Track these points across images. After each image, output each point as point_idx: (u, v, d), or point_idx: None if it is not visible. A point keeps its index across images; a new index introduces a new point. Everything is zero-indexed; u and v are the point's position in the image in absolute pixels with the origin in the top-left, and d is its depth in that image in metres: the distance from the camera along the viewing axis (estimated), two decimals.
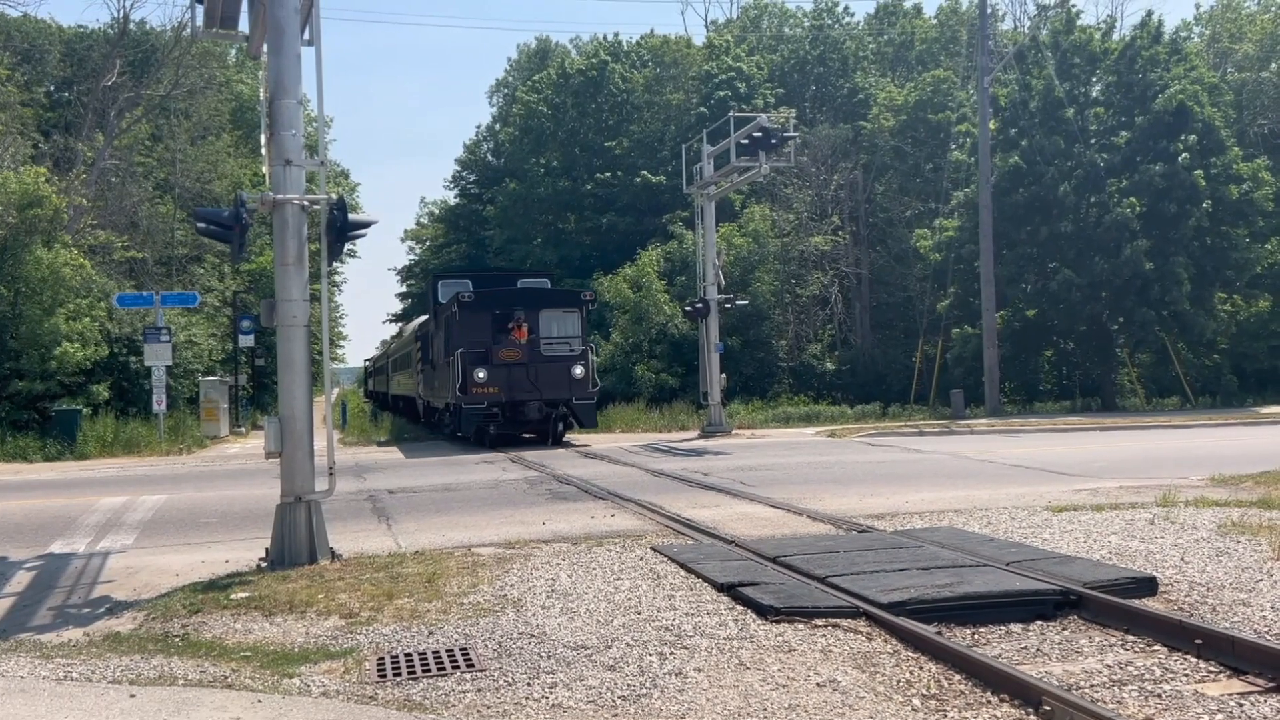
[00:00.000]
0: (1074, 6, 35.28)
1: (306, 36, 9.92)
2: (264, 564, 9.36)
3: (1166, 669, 5.68)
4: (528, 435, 23.73)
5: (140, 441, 25.39)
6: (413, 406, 34.39)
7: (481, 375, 22.02)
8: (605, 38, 52.73)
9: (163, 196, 38.93)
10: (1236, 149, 32.73)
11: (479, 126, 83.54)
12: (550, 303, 24.30)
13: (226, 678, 5.98)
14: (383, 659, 6.28)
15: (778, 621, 6.73)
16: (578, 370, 22.69)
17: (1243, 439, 21.09)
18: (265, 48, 10.07)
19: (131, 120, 37.01)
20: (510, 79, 66.61)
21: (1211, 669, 5.64)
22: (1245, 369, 35.09)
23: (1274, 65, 38.97)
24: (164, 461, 22.66)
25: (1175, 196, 30.34)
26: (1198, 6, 76.67)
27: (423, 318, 33.21)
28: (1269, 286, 34.60)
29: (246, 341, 33.62)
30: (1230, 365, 34.83)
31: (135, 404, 28.62)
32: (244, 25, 11.16)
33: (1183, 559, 8.25)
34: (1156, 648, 6.04)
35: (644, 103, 48.35)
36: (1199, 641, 5.87)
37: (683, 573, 8.31)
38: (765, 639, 6.39)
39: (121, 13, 41.02)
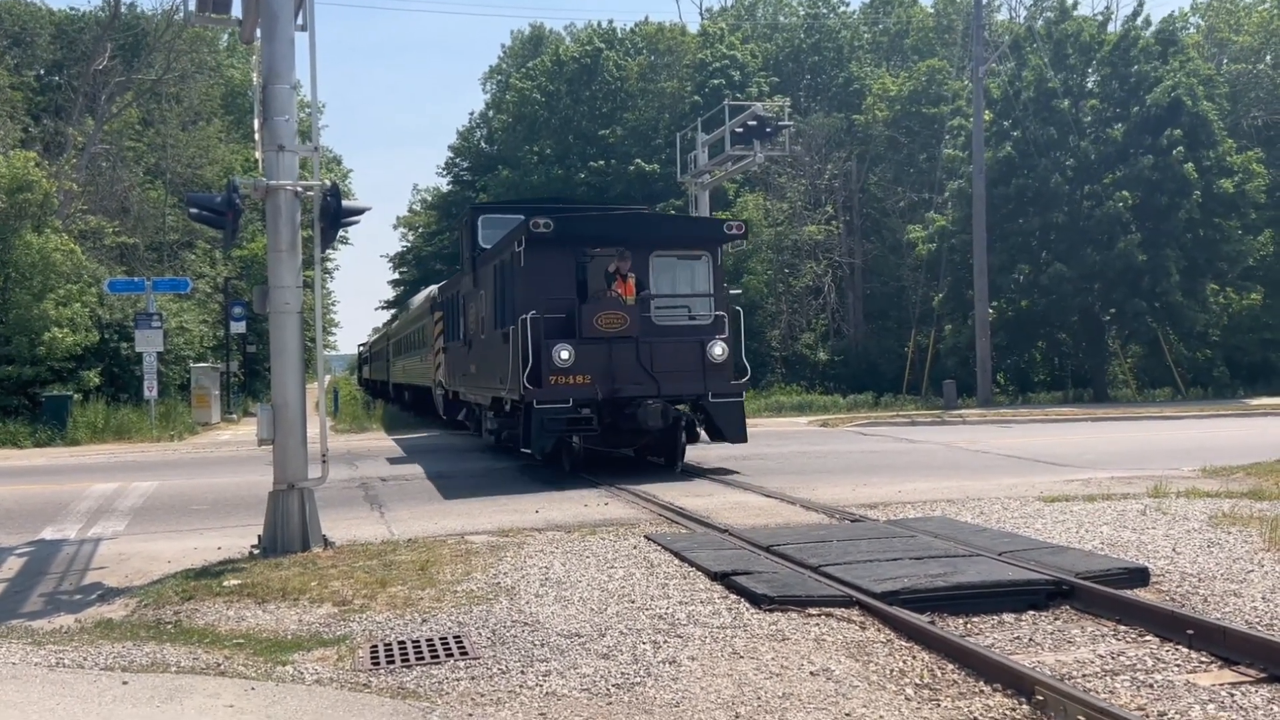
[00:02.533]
0: None
1: (300, 22, 9.85)
2: (256, 551, 9.34)
3: (1158, 659, 5.70)
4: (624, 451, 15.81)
5: (131, 428, 25.33)
6: (424, 400, 27.79)
7: (565, 357, 13.68)
8: (600, 25, 52.61)
9: (154, 182, 38.75)
10: (1230, 141, 32.77)
11: (472, 113, 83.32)
12: (669, 238, 15.58)
13: (219, 665, 5.96)
14: (376, 647, 6.27)
15: (771, 610, 6.73)
16: (717, 349, 14.31)
17: (1234, 430, 21.17)
18: (258, 33, 9.99)
19: (122, 105, 36.81)
20: (504, 66, 66.31)
21: (1203, 659, 5.66)
22: (1237, 361, 35.21)
23: (1269, 58, 39.00)
24: (155, 448, 22.60)
25: (1168, 189, 30.38)
26: None
27: (434, 287, 27.15)
28: (1261, 279, 34.68)
29: (238, 328, 33.53)
30: (1223, 357, 34.95)
31: (126, 390, 28.54)
32: (237, 10, 11.07)
33: (1174, 550, 8.28)
34: (1148, 638, 6.06)
35: (638, 90, 48.22)
36: (1191, 632, 5.89)
37: (676, 561, 8.32)
38: (759, 628, 6.39)
39: None
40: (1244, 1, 44.88)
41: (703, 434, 14.93)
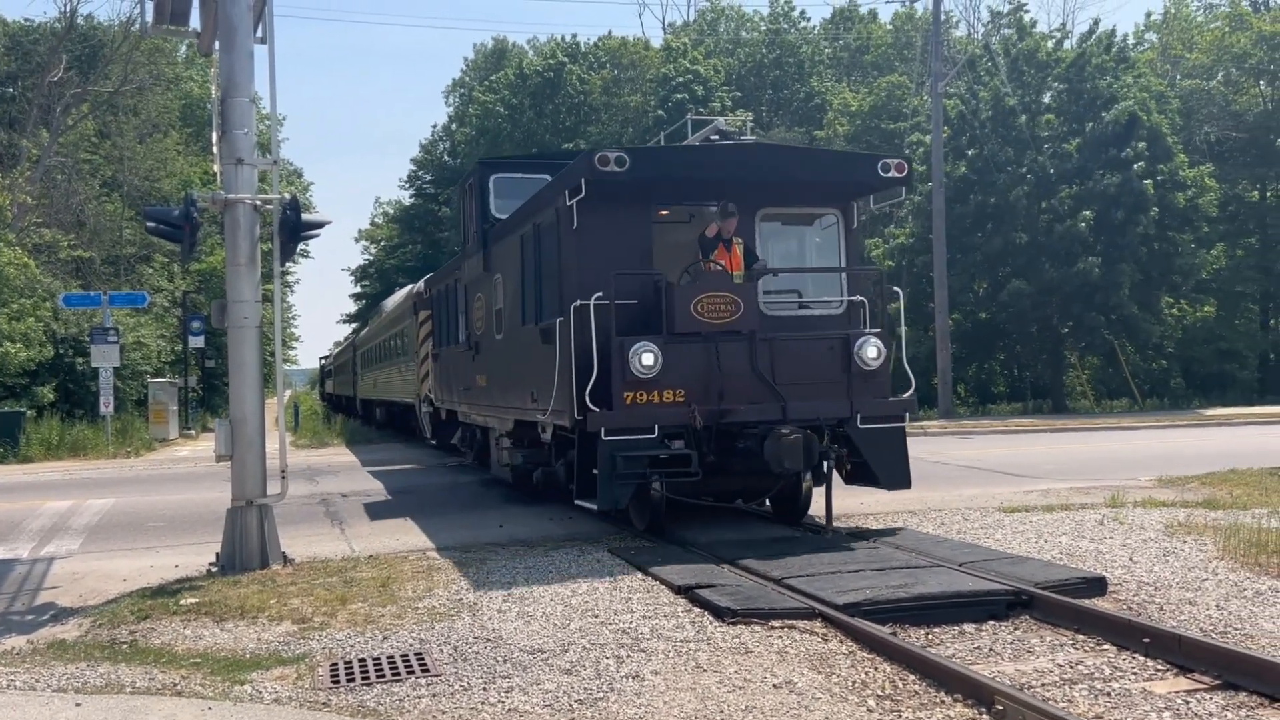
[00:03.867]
0: (1027, 13, 35.67)
1: (259, 34, 9.80)
2: (214, 569, 9.22)
3: (1116, 668, 5.77)
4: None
5: (86, 444, 24.90)
6: (403, 417, 25.14)
7: (649, 362, 9.33)
8: (563, 39, 52.74)
9: (110, 195, 38.24)
10: (1182, 156, 33.42)
11: (435, 126, 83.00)
12: (789, 184, 10.52)
13: (176, 685, 5.87)
14: (336, 665, 6.20)
15: (735, 623, 6.74)
16: (869, 351, 9.95)
17: (1189, 440, 21.51)
18: (217, 45, 9.93)
19: (78, 117, 36.31)
20: (467, 79, 66.28)
21: (1159, 667, 5.73)
22: (1194, 372, 35.83)
23: (1220, 74, 39.84)
24: (111, 465, 22.24)
25: (1124, 204, 30.89)
26: (1148, 15, 78.17)
27: (421, 281, 21.10)
28: (1215, 292, 35.35)
29: (196, 343, 33.11)
30: (1180, 369, 35.54)
31: (81, 406, 28.08)
32: (195, 22, 10.99)
33: (1131, 559, 8.39)
34: (1106, 646, 6.13)
35: (601, 104, 48.35)
36: (1147, 640, 5.97)
37: (639, 575, 8.30)
38: (722, 641, 6.39)
39: (69, 7, 40.07)
40: (1197, 20, 45.87)
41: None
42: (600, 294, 9.34)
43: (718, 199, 10.13)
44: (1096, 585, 7.36)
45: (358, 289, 75.26)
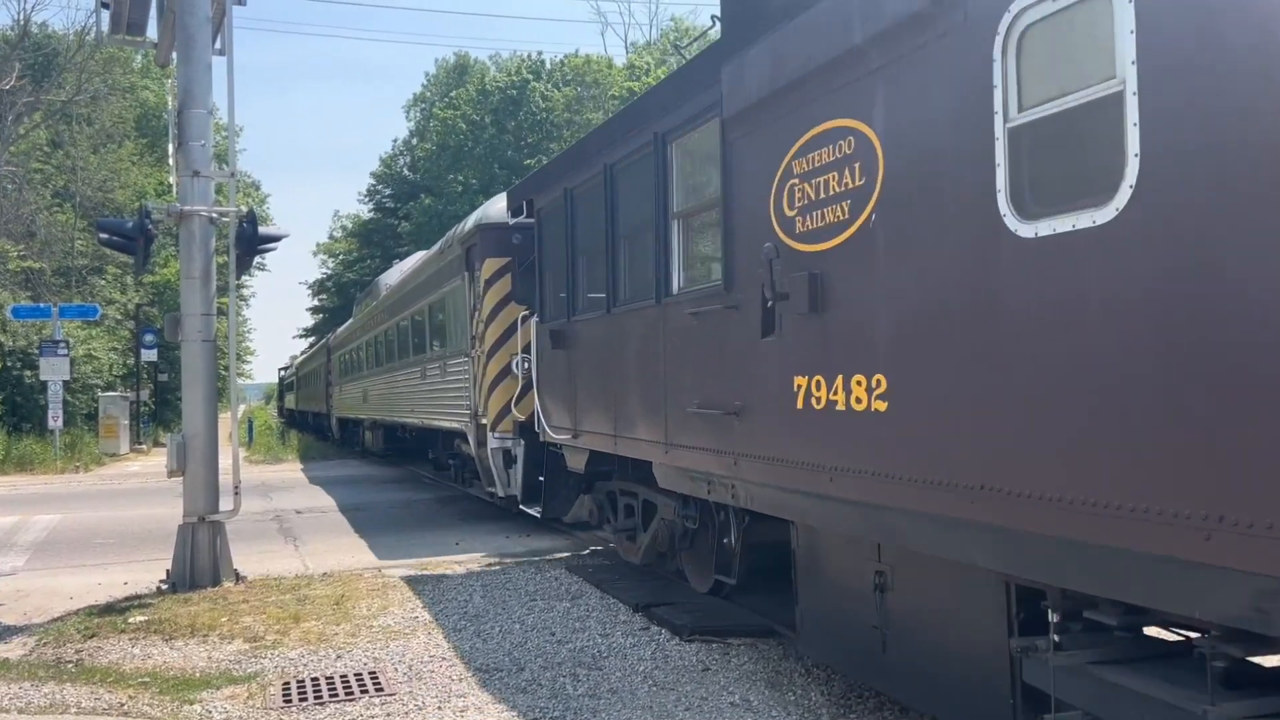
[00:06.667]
0: None
1: (218, 46, 9.72)
2: (165, 586, 9.06)
3: None
4: None
5: (34, 459, 24.43)
6: (412, 444, 19.62)
7: None
8: (528, 56, 52.83)
9: (62, 205, 37.59)
10: None
11: (395, 140, 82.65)
12: None
13: (123, 705, 5.75)
14: (288, 683, 6.11)
15: (692, 641, 6.74)
16: None
17: None
18: (175, 56, 9.82)
19: (30, 126, 35.73)
20: (428, 94, 66.11)
21: None
22: None
23: None
24: (59, 480, 21.81)
25: None
26: None
27: (462, 225, 12.78)
28: None
29: (149, 356, 32.66)
30: None
31: (29, 420, 27.54)
32: (153, 32, 10.89)
33: None
34: None
35: (564, 121, 48.43)
36: None
37: (598, 593, 8.28)
38: (680, 659, 6.39)
39: (23, 15, 39.54)
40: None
41: None
42: None
43: None
44: None
45: (315, 303, 74.65)
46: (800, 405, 5.06)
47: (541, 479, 10.07)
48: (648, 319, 7.03)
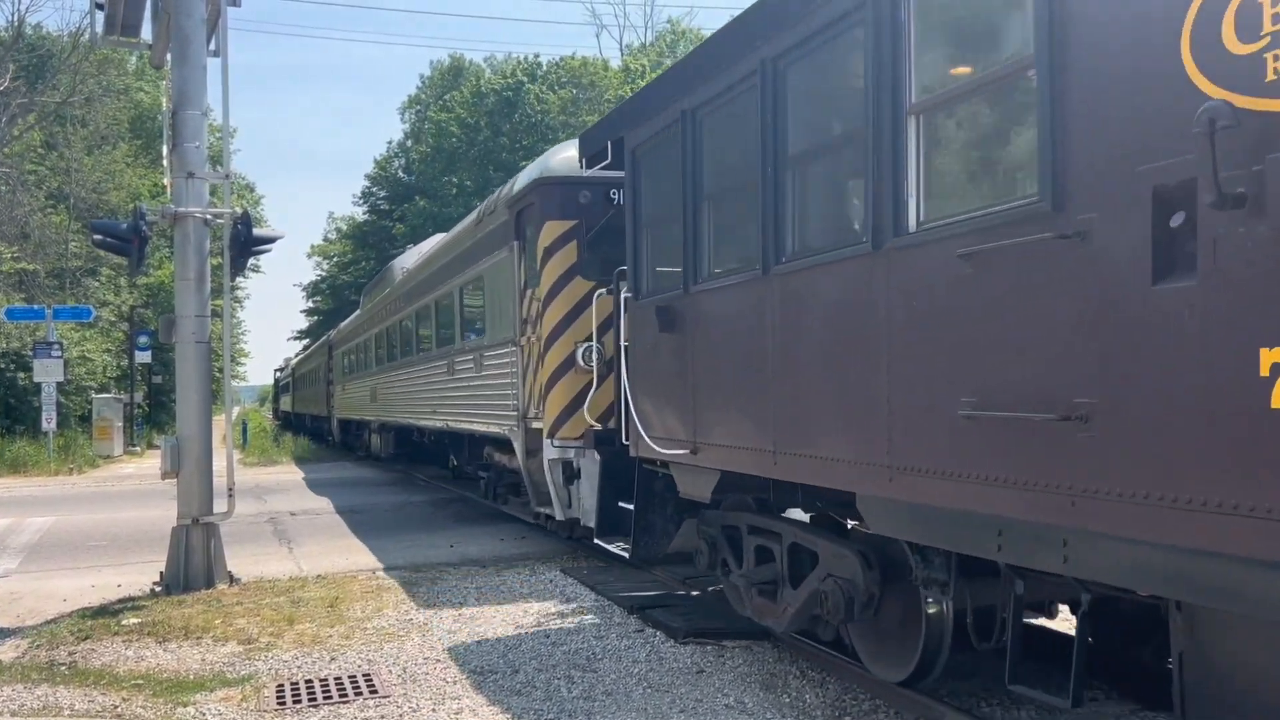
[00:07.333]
0: None
1: (213, 47, 9.71)
2: (158, 589, 9.04)
3: None
4: None
5: (28, 461, 24.37)
6: (438, 454, 17.69)
7: None
8: (524, 58, 52.84)
9: (56, 206, 37.51)
10: None
11: (390, 142, 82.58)
12: None
13: (116, 707, 5.74)
14: (282, 686, 6.10)
15: (687, 643, 6.74)
16: None
17: None
18: (169, 57, 9.82)
19: (24, 127, 35.65)
20: (423, 96, 66.08)
21: None
22: None
23: None
24: (53, 482, 21.76)
25: None
26: None
27: (510, 184, 10.64)
28: None
29: (143, 358, 32.60)
30: None
31: (23, 422, 27.49)
32: (147, 34, 10.87)
33: None
34: None
35: (560, 124, 48.41)
36: None
37: (593, 595, 8.28)
38: (675, 661, 6.39)
39: (16, 16, 39.42)
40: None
41: None
42: None
43: None
44: None
45: (309, 304, 74.56)
46: (1277, 402, 2.74)
47: (628, 506, 7.44)
48: (849, 275, 4.67)
